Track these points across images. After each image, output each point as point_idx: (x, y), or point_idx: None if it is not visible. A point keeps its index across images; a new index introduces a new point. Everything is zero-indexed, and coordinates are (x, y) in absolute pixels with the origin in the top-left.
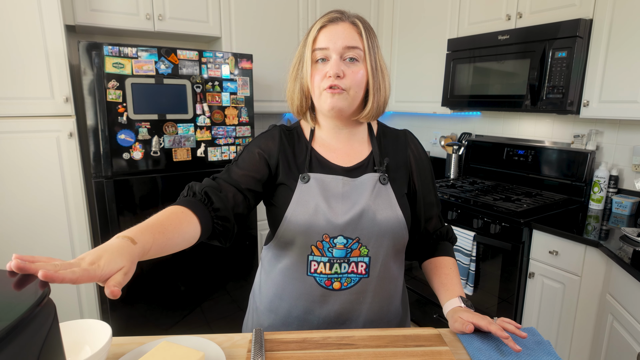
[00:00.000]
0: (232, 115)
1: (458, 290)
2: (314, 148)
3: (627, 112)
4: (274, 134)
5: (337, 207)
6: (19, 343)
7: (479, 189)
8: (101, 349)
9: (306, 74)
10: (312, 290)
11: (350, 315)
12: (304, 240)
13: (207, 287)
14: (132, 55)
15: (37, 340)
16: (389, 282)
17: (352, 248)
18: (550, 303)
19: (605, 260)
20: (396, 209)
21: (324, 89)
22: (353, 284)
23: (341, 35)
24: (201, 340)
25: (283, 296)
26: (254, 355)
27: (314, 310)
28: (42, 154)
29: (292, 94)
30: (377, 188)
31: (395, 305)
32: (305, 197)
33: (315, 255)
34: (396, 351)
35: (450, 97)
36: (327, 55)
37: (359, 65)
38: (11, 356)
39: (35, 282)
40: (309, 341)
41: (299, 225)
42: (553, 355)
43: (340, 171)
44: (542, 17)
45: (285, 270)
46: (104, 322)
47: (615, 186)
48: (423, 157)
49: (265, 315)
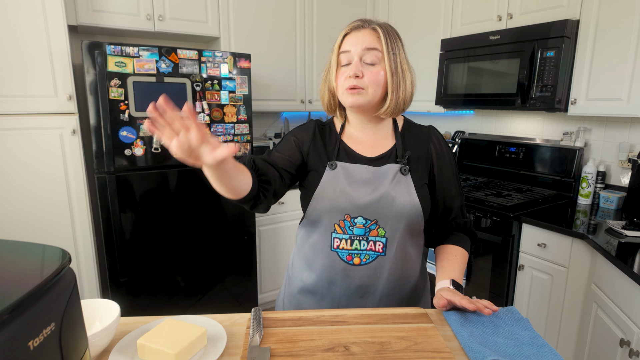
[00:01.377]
0: (230, 113)
1: (453, 274)
2: (342, 140)
3: (613, 110)
4: (309, 126)
5: (359, 191)
6: (46, 302)
7: (471, 185)
8: (110, 324)
9: (332, 76)
10: (336, 264)
11: (368, 289)
12: (328, 219)
13: (207, 283)
14: (134, 55)
15: (61, 301)
16: (405, 263)
17: (371, 228)
18: (539, 294)
19: (591, 252)
20: (414, 197)
21: (346, 88)
22: (371, 260)
23: (361, 40)
24: (203, 319)
25: (312, 267)
26: (252, 331)
27: (337, 282)
28: (46, 150)
29: (322, 94)
30: (397, 177)
31: (411, 285)
32: (332, 182)
33: (337, 233)
34: (385, 327)
35: (443, 96)
36: (349, 59)
37: (377, 67)
38: (38, 314)
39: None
40: (304, 319)
41: (324, 205)
42: (530, 330)
43: (365, 161)
44: (531, 18)
45: (314, 245)
46: (112, 301)
47: (603, 182)
48: (445, 152)
49: (296, 283)
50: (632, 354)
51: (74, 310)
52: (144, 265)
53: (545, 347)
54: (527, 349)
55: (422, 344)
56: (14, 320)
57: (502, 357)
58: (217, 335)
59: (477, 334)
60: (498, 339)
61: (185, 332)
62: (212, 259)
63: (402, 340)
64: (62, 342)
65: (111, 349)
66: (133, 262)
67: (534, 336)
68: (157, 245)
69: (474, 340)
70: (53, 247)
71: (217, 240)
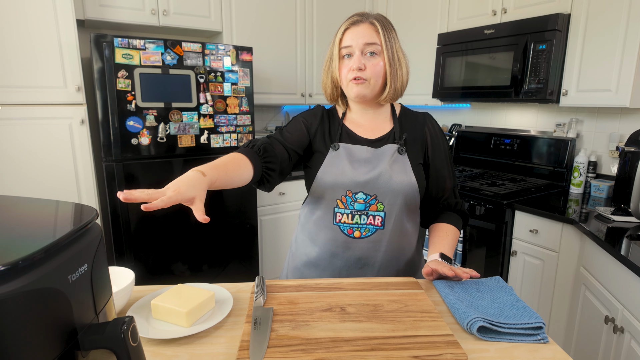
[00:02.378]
0: (233, 105)
1: (442, 249)
2: (345, 124)
3: (602, 100)
4: (316, 111)
5: (360, 169)
6: (81, 244)
7: (467, 176)
8: (127, 285)
9: (335, 68)
10: (337, 237)
11: (367, 261)
12: (331, 195)
13: (210, 271)
14: (140, 47)
15: (91, 247)
16: (403, 236)
17: (370, 203)
18: (531, 278)
19: (580, 237)
20: (410, 175)
21: (350, 80)
22: (370, 233)
23: (361, 35)
24: (210, 285)
25: (315, 241)
26: (256, 294)
27: (339, 254)
28: (55, 140)
29: (325, 85)
30: (395, 156)
31: (407, 257)
32: (335, 161)
33: (339, 208)
34: (378, 292)
35: (440, 89)
36: (351, 52)
37: (377, 58)
38: (75, 253)
39: (88, 210)
40: (304, 286)
41: (327, 182)
42: (513, 295)
43: (365, 142)
44: (525, 12)
45: (317, 220)
46: (127, 268)
47: (594, 171)
48: (439, 136)
49: (300, 257)
50: (616, 330)
51: (101, 258)
52: (149, 253)
53: (526, 309)
54: (509, 310)
55: (412, 306)
56: (59, 253)
57: (486, 316)
58: (224, 298)
59: (464, 298)
60: (482, 302)
61: (195, 295)
62: (215, 247)
63: (393, 303)
64: (92, 282)
65: (126, 311)
66: (138, 250)
67: (516, 300)
68: (161, 233)
69: (460, 303)
70: (85, 205)
71: (220, 230)
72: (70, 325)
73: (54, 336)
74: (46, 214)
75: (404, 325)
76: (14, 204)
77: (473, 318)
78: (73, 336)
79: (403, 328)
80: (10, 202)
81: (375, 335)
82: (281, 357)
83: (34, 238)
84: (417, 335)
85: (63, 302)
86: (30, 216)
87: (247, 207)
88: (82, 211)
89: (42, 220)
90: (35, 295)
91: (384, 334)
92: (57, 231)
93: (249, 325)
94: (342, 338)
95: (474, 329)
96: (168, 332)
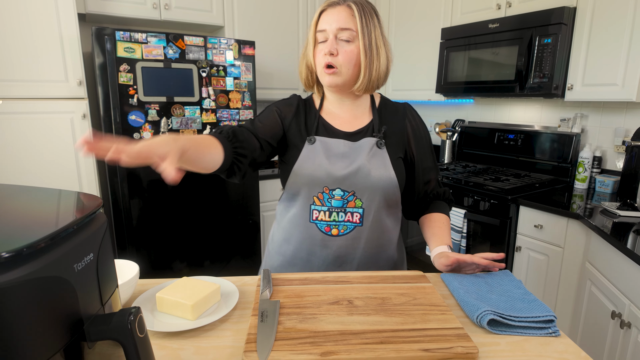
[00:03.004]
0: (235, 99)
1: (446, 240)
2: (321, 116)
3: (608, 95)
4: (292, 101)
5: (337, 163)
6: (87, 233)
7: (470, 171)
8: (131, 278)
9: (310, 52)
10: (314, 235)
11: (346, 259)
12: (307, 191)
13: (212, 266)
14: (142, 41)
15: (97, 236)
16: (382, 233)
17: (348, 200)
18: (536, 274)
19: (586, 232)
20: (389, 170)
21: (322, 66)
22: (349, 231)
23: (336, 18)
24: (216, 279)
25: (290, 240)
26: (262, 287)
27: (316, 253)
28: (57, 134)
29: (300, 70)
30: (373, 150)
31: (387, 254)
32: (311, 155)
33: (316, 205)
34: (385, 286)
35: (444, 84)
36: (325, 37)
37: (352, 45)
38: (81, 242)
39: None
40: (310, 279)
41: (303, 177)
42: (522, 289)
43: (342, 135)
44: (529, 6)
45: (293, 218)
46: (132, 261)
47: (599, 166)
48: (420, 127)
49: (275, 257)
50: (623, 325)
51: (107, 247)
52: (151, 248)
53: (536, 302)
54: (519, 303)
55: (420, 299)
56: (64, 241)
57: (496, 309)
58: (230, 292)
59: (473, 291)
60: (492, 295)
61: (200, 287)
62: (217, 243)
63: (401, 296)
64: (98, 272)
65: (131, 303)
66: (140, 245)
67: (526, 293)
68: (164, 229)
69: (470, 296)
70: (89, 194)
71: (223, 225)
72: (76, 315)
73: (59, 326)
74: (50, 203)
75: (412, 319)
76: (17, 192)
77: (483, 311)
78: (79, 327)
79: (412, 321)
80: (13, 190)
81: (384, 328)
82: (289, 349)
83: (39, 226)
84: (427, 329)
85: (69, 291)
86: (34, 205)
87: (249, 203)
88: (87, 200)
89: (46, 208)
90: (41, 284)
91: (392, 327)
92: (62, 219)
93: (255, 318)
94: (350, 331)
95: (484, 322)
96: (174, 325)
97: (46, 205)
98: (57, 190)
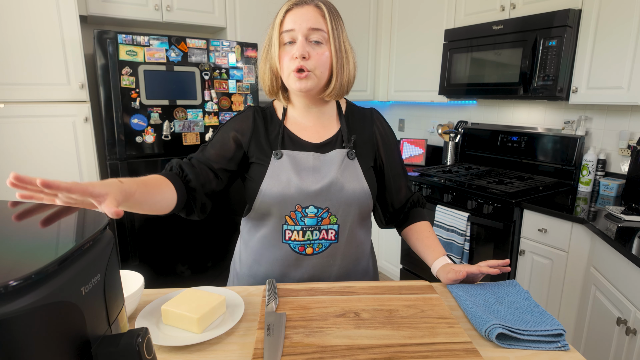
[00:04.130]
0: (238, 102)
1: (442, 250)
2: (286, 126)
3: (613, 98)
4: (247, 114)
5: (308, 179)
6: (94, 254)
7: (473, 173)
8: (136, 290)
9: (274, 55)
10: (287, 255)
11: (321, 277)
12: (278, 211)
13: (212, 270)
14: (145, 44)
15: (104, 255)
16: (356, 246)
17: (323, 217)
18: (540, 278)
19: (590, 236)
20: (362, 181)
21: (292, 70)
22: (324, 249)
23: (305, 18)
24: (220, 289)
25: (261, 262)
26: (268, 299)
27: (289, 274)
28: (59, 137)
29: (263, 75)
30: (345, 162)
31: (362, 266)
32: (278, 172)
33: (289, 225)
34: (392, 297)
35: (447, 86)
36: (293, 37)
37: (323, 47)
38: (88, 263)
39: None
40: (315, 290)
41: (273, 197)
42: (530, 300)
43: (310, 147)
44: (534, 8)
45: (263, 239)
46: (136, 272)
47: (603, 169)
48: (388, 133)
49: (245, 279)
50: (628, 332)
51: (114, 266)
52: (153, 255)
53: (544, 314)
54: (527, 315)
55: (427, 311)
56: (72, 264)
57: (504, 322)
58: (236, 303)
59: (480, 303)
60: (499, 307)
61: (206, 300)
62: (218, 247)
63: (408, 308)
64: (105, 293)
65: (136, 316)
66: (143, 252)
67: (534, 305)
68: (165, 235)
69: (477, 309)
70: (95, 210)
71: (224, 231)
72: (84, 338)
73: (67, 351)
74: (55, 222)
75: (420, 332)
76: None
77: (492, 325)
78: (87, 349)
79: (420, 335)
80: (16, 208)
81: (392, 343)
82: None
83: (46, 248)
84: (435, 343)
85: (76, 315)
86: (36, 226)
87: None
88: (93, 218)
89: (51, 229)
90: (49, 310)
91: (400, 341)
92: (70, 240)
93: (261, 332)
94: (358, 345)
95: (492, 335)
96: (179, 338)
97: (51, 226)
98: (62, 207)
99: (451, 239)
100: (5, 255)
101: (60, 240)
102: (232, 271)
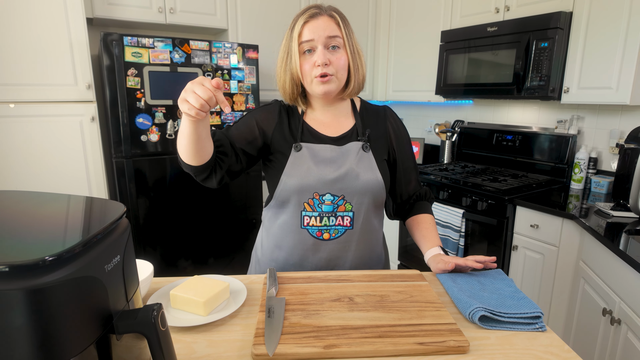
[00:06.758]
0: (239, 102)
1: (437, 241)
2: (305, 122)
3: (603, 98)
4: (274, 107)
5: (326, 169)
6: (115, 237)
7: (469, 171)
8: (147, 277)
9: (295, 64)
10: (306, 240)
11: (337, 262)
12: (297, 199)
13: (216, 265)
14: (149, 45)
15: (123, 239)
16: (370, 234)
17: (339, 204)
18: (532, 273)
19: (580, 231)
20: (376, 172)
21: (315, 76)
22: (340, 234)
23: (322, 27)
24: (224, 277)
25: (282, 246)
26: (269, 285)
27: (308, 258)
28: (66, 136)
29: (283, 84)
30: (360, 154)
31: (376, 253)
32: (298, 162)
33: (307, 211)
34: (384, 284)
35: (443, 86)
36: (313, 47)
37: (340, 52)
38: (110, 244)
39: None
40: (313, 278)
41: (293, 186)
42: (513, 287)
43: (328, 140)
44: (527, 10)
45: (283, 225)
46: (146, 261)
47: (595, 167)
48: (401, 129)
49: (267, 264)
50: (613, 322)
51: (130, 250)
52: (157, 247)
53: (525, 299)
54: (509, 300)
55: (417, 296)
56: (96, 246)
57: (487, 306)
58: (238, 289)
59: (466, 289)
60: (484, 293)
61: (211, 285)
62: (221, 241)
63: (399, 294)
64: (124, 272)
65: (147, 301)
66: (147, 244)
67: (516, 291)
68: (169, 228)
69: (463, 294)
70: (114, 201)
71: (226, 224)
72: (107, 310)
73: (93, 320)
74: (80, 210)
75: (409, 315)
76: (49, 200)
77: (475, 308)
78: (109, 321)
79: (409, 317)
80: (45, 198)
81: (383, 324)
82: (294, 343)
83: (74, 232)
84: (422, 324)
85: (101, 289)
86: (65, 211)
87: (252, 203)
88: (112, 207)
89: (77, 215)
90: (78, 283)
91: (390, 322)
92: (93, 226)
93: (263, 314)
94: (351, 326)
95: (475, 318)
96: (187, 320)
97: (77, 212)
98: (84, 198)
99: (447, 235)
100: (40, 237)
101: (86, 225)
102: (254, 259)
